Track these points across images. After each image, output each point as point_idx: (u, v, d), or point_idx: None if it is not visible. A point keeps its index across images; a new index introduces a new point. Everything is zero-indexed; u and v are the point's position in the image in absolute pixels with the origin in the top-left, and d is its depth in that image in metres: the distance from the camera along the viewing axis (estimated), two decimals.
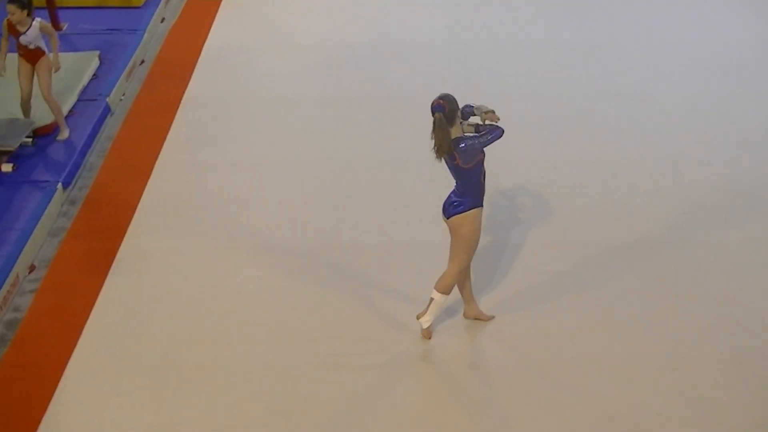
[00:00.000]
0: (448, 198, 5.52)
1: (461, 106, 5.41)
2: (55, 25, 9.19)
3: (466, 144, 5.30)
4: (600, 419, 5.25)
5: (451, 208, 5.48)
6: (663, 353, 5.67)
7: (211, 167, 7.66)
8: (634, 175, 7.39)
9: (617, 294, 6.15)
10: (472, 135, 5.36)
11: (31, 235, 6.65)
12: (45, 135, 7.83)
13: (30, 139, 7.71)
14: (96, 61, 8.91)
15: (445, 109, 5.27)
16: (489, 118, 5.43)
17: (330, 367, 5.61)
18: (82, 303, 6.17)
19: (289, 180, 7.48)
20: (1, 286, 6.12)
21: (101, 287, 6.30)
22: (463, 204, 5.44)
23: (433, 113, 5.28)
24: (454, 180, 5.50)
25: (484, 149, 5.36)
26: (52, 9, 9.40)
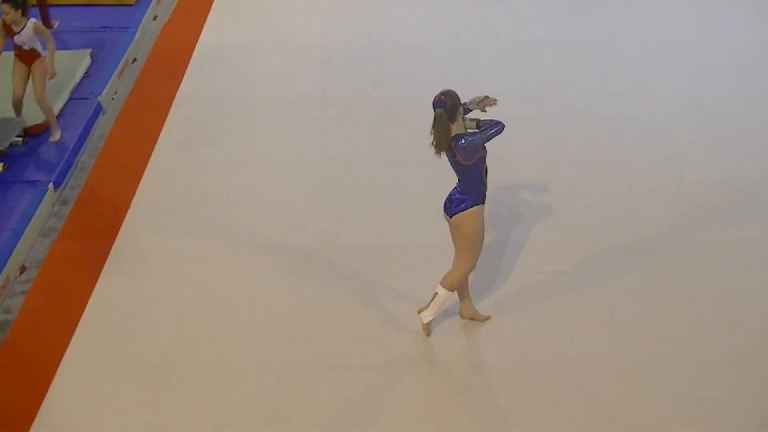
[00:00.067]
0: (449, 195, 5.48)
1: None
2: (46, 23, 9.11)
3: (466, 141, 5.27)
4: (600, 419, 5.24)
5: (453, 206, 5.44)
6: (663, 353, 5.66)
7: (206, 167, 7.60)
8: (634, 175, 7.37)
9: (617, 294, 6.14)
10: (472, 131, 5.32)
11: (22, 236, 6.60)
12: (36, 135, 7.78)
13: (20, 139, 7.67)
14: (87, 60, 8.85)
15: (447, 105, 5.23)
16: (486, 104, 5.42)
17: (330, 367, 5.59)
18: (73, 304, 6.13)
19: (288, 180, 7.42)
20: None
21: (93, 288, 6.26)
22: (465, 201, 5.40)
23: (435, 108, 5.25)
24: (454, 178, 5.46)
25: (485, 146, 5.33)
26: (42, 6, 9.33)
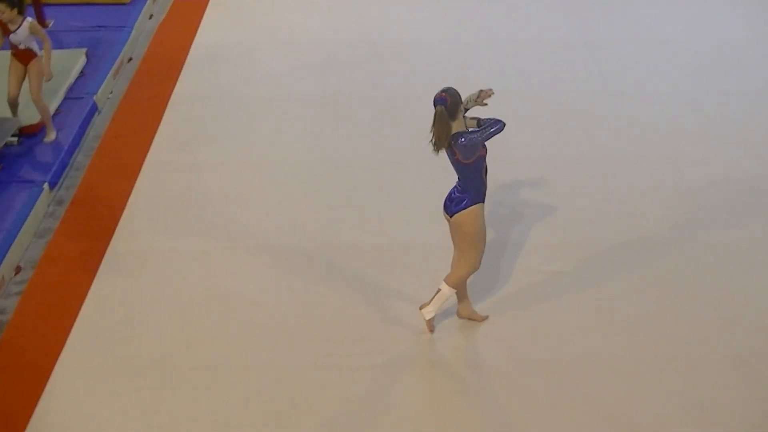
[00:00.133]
0: (449, 194, 5.46)
1: None
2: (41, 22, 9.05)
3: (466, 139, 5.24)
4: (600, 419, 5.23)
5: (453, 205, 5.42)
6: (663, 353, 5.65)
7: (203, 166, 7.56)
8: (634, 175, 7.34)
9: (617, 294, 6.12)
10: (472, 130, 5.30)
11: (17, 236, 6.56)
12: (32, 135, 7.73)
13: (15, 139, 7.62)
14: (83, 59, 8.79)
15: (448, 102, 5.20)
16: (483, 97, 5.41)
17: (329, 367, 5.57)
18: (69, 305, 6.10)
19: (287, 179, 7.38)
20: None
21: (89, 288, 6.23)
22: (464, 200, 5.37)
23: (435, 105, 5.22)
24: (454, 178, 5.43)
25: (485, 144, 5.30)
26: (37, 6, 9.27)
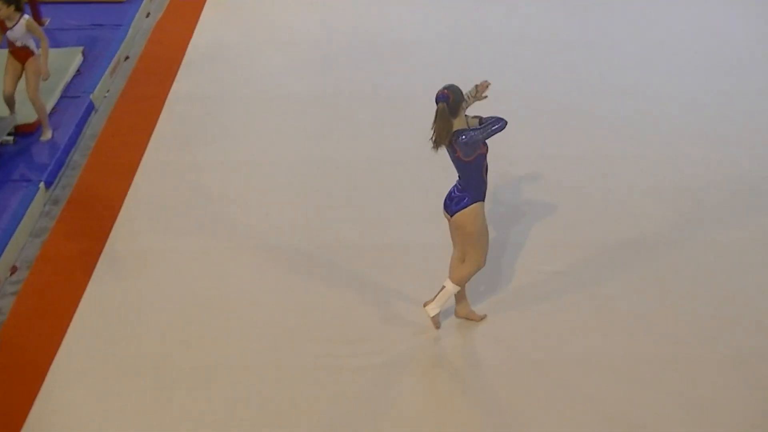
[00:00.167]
0: (449, 193, 5.45)
1: None
2: (38, 20, 9.01)
3: (467, 136, 5.22)
4: (600, 419, 5.23)
5: (453, 204, 5.41)
6: (663, 353, 5.65)
7: (199, 166, 7.53)
8: (633, 174, 7.33)
9: (617, 294, 6.11)
10: (473, 128, 5.28)
11: (13, 236, 6.53)
12: (28, 133, 7.70)
13: (11, 137, 7.59)
14: (79, 57, 8.76)
15: (449, 99, 5.18)
16: (480, 90, 5.40)
17: (329, 367, 5.57)
18: (65, 304, 6.08)
19: (287, 179, 7.35)
20: None
21: (85, 288, 6.21)
22: (465, 199, 5.36)
23: (437, 102, 5.20)
24: (454, 178, 5.42)
25: (486, 142, 5.29)
26: (34, 4, 9.24)
